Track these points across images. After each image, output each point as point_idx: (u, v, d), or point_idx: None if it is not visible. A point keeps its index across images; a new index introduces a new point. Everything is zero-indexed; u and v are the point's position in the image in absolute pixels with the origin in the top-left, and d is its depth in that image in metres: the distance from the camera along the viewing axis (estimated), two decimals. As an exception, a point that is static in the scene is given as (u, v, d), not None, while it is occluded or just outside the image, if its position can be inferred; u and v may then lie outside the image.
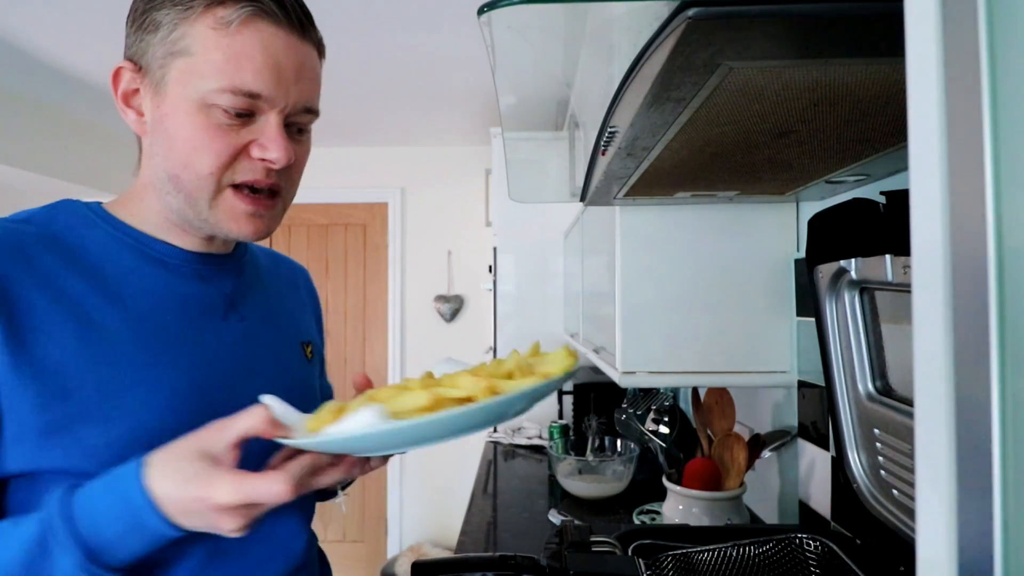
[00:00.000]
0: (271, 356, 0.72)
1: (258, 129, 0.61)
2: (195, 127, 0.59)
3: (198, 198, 0.62)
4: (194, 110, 0.59)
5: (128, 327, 0.60)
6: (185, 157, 0.60)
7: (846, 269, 0.77)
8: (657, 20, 0.45)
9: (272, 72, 0.60)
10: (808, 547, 0.91)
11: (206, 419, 0.59)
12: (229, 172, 0.61)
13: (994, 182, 0.22)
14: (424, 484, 3.32)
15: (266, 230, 0.66)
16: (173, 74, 0.59)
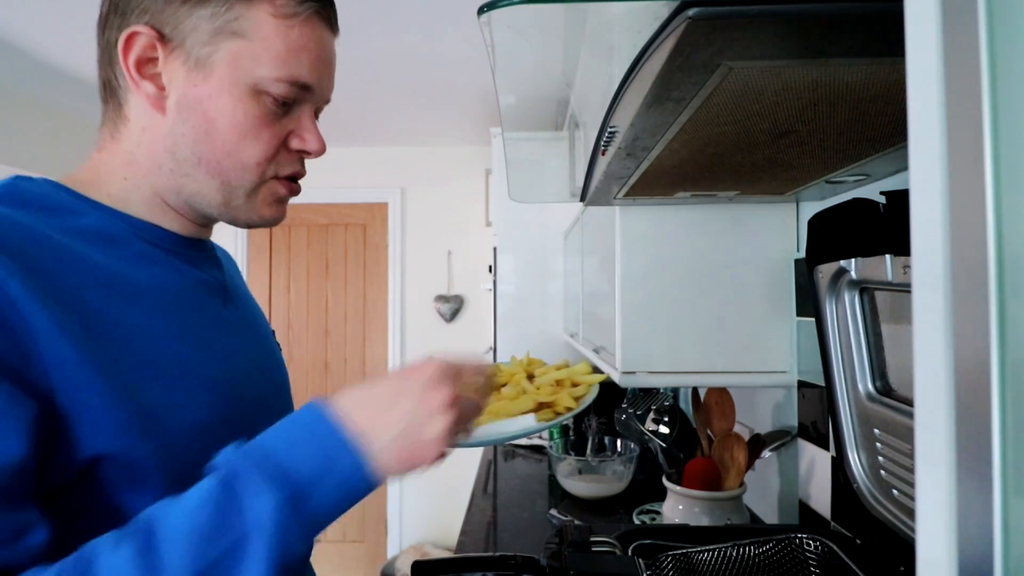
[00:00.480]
0: (265, 347, 0.71)
1: (295, 120, 0.61)
2: (245, 113, 0.57)
3: (238, 186, 0.60)
4: (245, 95, 0.57)
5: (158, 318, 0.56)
6: (231, 144, 0.58)
7: (846, 269, 0.77)
8: (657, 20, 0.45)
9: (322, 67, 0.61)
10: (808, 547, 0.91)
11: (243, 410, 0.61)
12: (273, 164, 0.61)
13: (994, 182, 0.22)
14: (424, 484, 3.32)
15: (285, 215, 0.66)
16: (223, 54, 0.56)
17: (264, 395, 0.66)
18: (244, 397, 0.61)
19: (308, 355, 3.39)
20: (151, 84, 0.57)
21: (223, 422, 0.57)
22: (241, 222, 0.64)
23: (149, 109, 0.58)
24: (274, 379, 0.70)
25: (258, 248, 3.42)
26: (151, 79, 0.57)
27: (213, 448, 0.54)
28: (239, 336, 0.66)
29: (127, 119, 0.60)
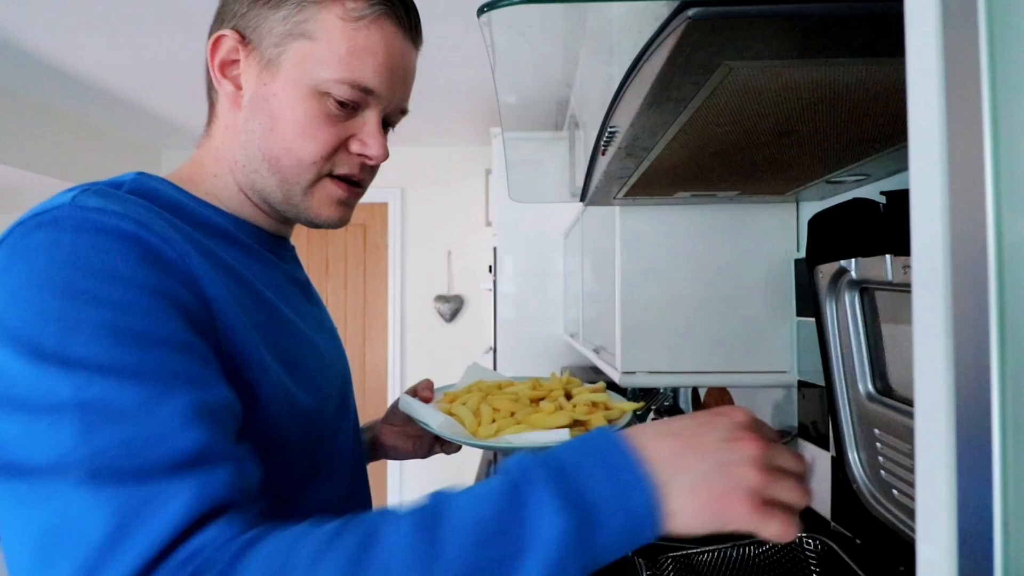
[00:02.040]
0: (337, 343, 0.75)
1: (359, 124, 0.62)
2: (305, 112, 0.59)
3: (295, 183, 0.62)
4: (307, 95, 0.58)
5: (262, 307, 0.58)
6: (290, 141, 0.60)
7: (846, 269, 0.77)
8: (657, 20, 0.45)
9: (388, 71, 0.61)
10: (808, 547, 0.91)
11: (327, 401, 0.64)
12: (329, 163, 0.62)
13: (994, 182, 0.22)
14: (424, 484, 3.32)
15: (349, 218, 0.67)
16: (290, 55, 0.58)
17: (338, 390, 0.69)
18: (327, 390, 0.65)
19: (308, 355, 3.39)
20: (231, 83, 0.61)
21: (318, 413, 0.61)
22: (305, 220, 0.66)
23: (230, 107, 0.62)
24: (345, 375, 0.74)
25: (258, 248, 3.42)
26: (232, 79, 0.61)
27: (310, 435, 0.60)
28: (319, 332, 0.69)
29: (217, 117, 0.64)
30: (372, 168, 0.66)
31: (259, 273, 0.62)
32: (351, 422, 0.73)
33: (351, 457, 0.71)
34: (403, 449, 0.85)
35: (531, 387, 0.84)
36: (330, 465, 0.65)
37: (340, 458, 0.68)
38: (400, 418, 0.85)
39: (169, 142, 3.30)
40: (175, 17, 1.83)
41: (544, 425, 0.71)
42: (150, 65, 2.23)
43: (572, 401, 0.80)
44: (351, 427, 0.72)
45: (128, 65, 2.22)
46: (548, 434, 0.68)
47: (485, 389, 0.84)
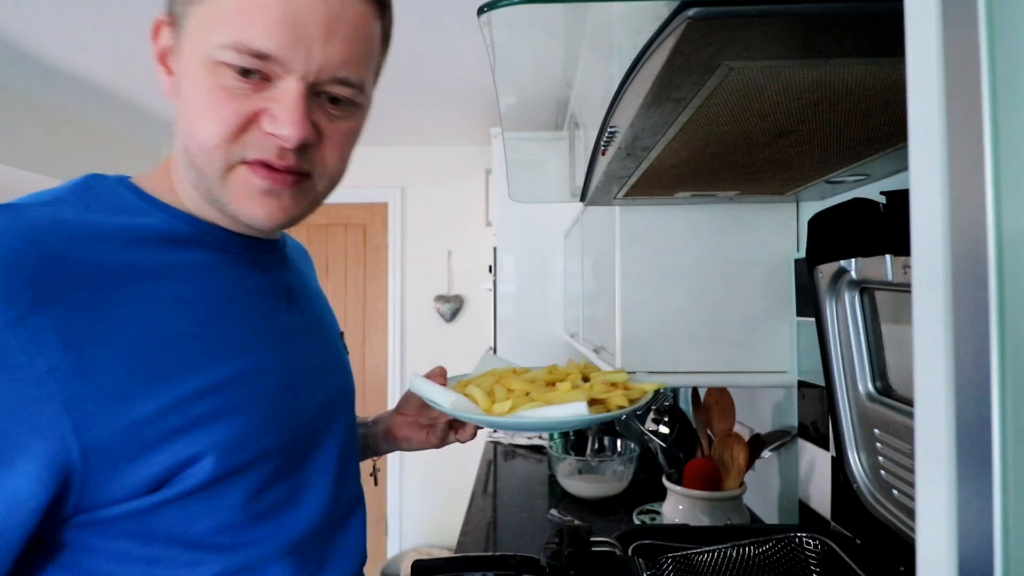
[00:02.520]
0: (329, 351, 0.68)
1: (271, 97, 0.51)
2: (201, 89, 0.50)
3: (207, 174, 0.52)
4: (201, 67, 0.50)
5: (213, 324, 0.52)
6: (191, 124, 0.51)
7: (846, 269, 0.77)
8: (657, 20, 0.45)
9: (288, 28, 0.49)
10: (808, 546, 0.91)
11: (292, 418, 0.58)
12: (238, 146, 0.51)
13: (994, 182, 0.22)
14: (424, 484, 3.32)
15: (285, 216, 0.55)
16: (190, 24, 0.50)
17: (324, 402, 0.64)
18: (300, 404, 0.59)
19: (308, 355, 3.39)
20: (165, 71, 0.54)
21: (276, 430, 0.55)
22: (234, 217, 0.55)
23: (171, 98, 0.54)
24: (337, 385, 0.68)
25: (258, 248, 3.42)
26: (169, 67, 0.54)
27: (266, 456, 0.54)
28: (302, 341, 0.63)
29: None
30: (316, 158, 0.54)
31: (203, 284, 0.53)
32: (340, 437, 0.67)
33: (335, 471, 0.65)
34: (416, 439, 0.82)
35: (547, 372, 0.82)
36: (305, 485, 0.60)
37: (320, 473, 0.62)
38: (413, 407, 0.82)
39: (169, 142, 3.30)
40: (175, 17, 1.83)
41: (561, 402, 0.67)
42: (150, 65, 2.22)
43: (589, 383, 0.77)
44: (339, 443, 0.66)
45: (128, 65, 2.22)
46: (566, 408, 0.64)
47: (499, 375, 0.81)
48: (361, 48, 0.53)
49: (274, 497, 0.56)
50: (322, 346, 0.67)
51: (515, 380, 0.76)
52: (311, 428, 0.61)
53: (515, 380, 0.76)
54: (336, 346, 0.72)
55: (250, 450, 0.53)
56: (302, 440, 0.60)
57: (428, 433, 0.81)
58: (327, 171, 0.56)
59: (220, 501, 0.52)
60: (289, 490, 0.58)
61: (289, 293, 0.64)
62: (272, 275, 0.62)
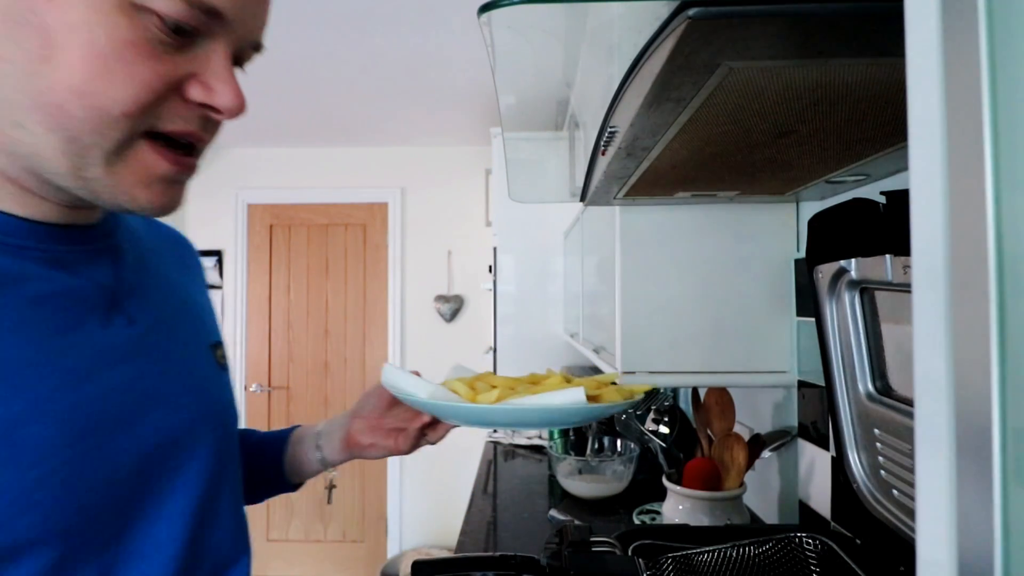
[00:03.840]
0: (175, 371, 0.53)
1: (200, 60, 0.42)
2: (110, 37, 0.38)
3: (91, 145, 0.40)
4: (112, 8, 0.38)
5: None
6: (83, 80, 0.38)
7: (846, 269, 0.77)
8: (657, 20, 0.45)
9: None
10: (808, 546, 0.91)
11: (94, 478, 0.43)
12: (150, 116, 0.41)
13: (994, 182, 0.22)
14: (424, 484, 3.32)
15: (178, 204, 0.46)
16: None
17: (165, 441, 0.50)
18: (107, 455, 0.45)
19: (308, 355, 3.39)
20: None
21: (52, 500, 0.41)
22: (107, 203, 0.44)
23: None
24: (191, 415, 0.53)
25: (258, 248, 3.42)
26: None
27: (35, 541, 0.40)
28: (123, 365, 0.48)
29: None
30: (215, 126, 0.46)
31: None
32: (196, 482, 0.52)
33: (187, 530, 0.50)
34: (382, 446, 0.71)
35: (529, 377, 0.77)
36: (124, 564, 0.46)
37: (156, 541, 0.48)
38: (375, 409, 0.73)
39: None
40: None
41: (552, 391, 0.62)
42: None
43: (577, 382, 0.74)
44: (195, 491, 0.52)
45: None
46: (563, 393, 0.58)
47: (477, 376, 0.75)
48: (270, 12, 0.47)
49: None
50: (165, 367, 0.52)
51: (497, 379, 0.70)
52: (134, 485, 0.47)
53: (497, 379, 0.70)
54: (197, 364, 0.56)
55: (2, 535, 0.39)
56: (112, 507, 0.45)
57: (397, 437, 0.71)
58: (212, 142, 0.48)
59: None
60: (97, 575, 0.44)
61: (111, 299, 0.49)
62: (82, 276, 0.47)
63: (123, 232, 0.54)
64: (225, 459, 0.57)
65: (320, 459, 0.75)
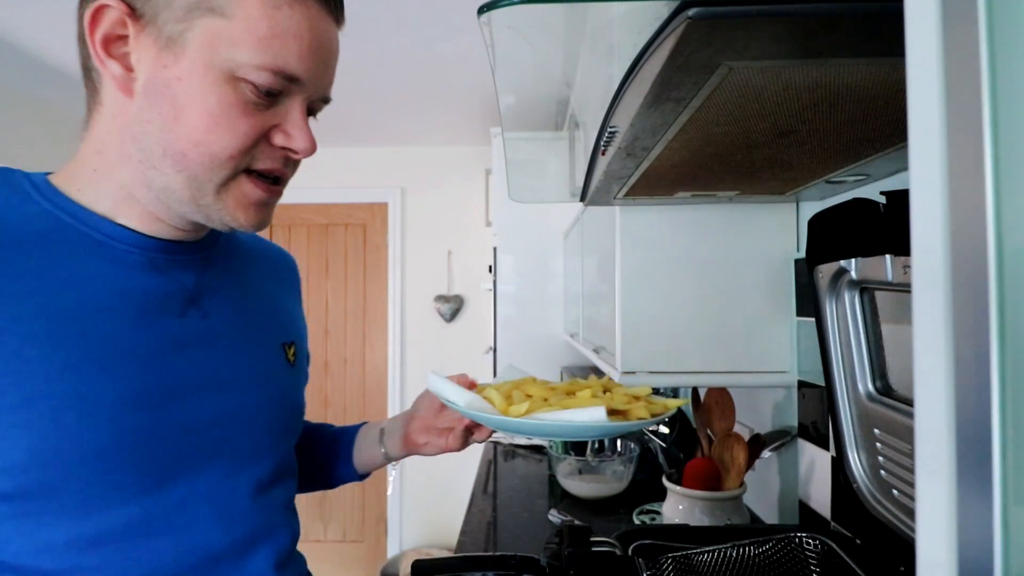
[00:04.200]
0: (241, 360, 0.63)
1: (281, 113, 0.55)
2: (219, 101, 0.51)
3: (205, 181, 0.54)
4: (220, 80, 0.51)
5: (42, 326, 0.50)
6: (199, 133, 0.52)
7: (846, 269, 0.77)
8: (657, 20, 0.45)
9: (313, 56, 0.54)
10: (808, 546, 0.91)
11: (152, 437, 0.54)
12: (247, 157, 0.55)
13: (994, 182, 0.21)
14: (424, 484, 3.32)
15: (268, 222, 0.59)
16: (197, 33, 0.50)
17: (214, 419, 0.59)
18: (163, 420, 0.55)
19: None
20: (118, 64, 0.52)
21: (113, 446, 0.51)
22: (216, 223, 0.57)
23: (118, 93, 0.53)
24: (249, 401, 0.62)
25: (258, 248, 3.42)
26: (119, 59, 0.52)
27: (117, 471, 0.51)
28: (191, 351, 0.58)
29: (100, 104, 0.55)
30: (295, 163, 0.59)
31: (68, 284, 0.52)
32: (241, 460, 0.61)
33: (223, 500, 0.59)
34: (435, 444, 0.80)
35: (568, 384, 0.80)
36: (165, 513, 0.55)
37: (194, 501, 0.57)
38: (428, 411, 0.81)
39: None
40: (175, 17, 1.83)
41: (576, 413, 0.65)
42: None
43: (610, 395, 0.75)
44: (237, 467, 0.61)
45: (128, 65, 2.22)
46: (583, 413, 0.62)
47: (519, 382, 0.80)
48: (336, 71, 0.60)
49: (113, 521, 0.52)
50: (231, 355, 0.62)
51: (534, 386, 0.74)
52: (181, 449, 0.56)
53: (534, 386, 0.74)
54: (264, 356, 0.66)
55: (66, 465, 0.49)
56: (162, 461, 0.55)
57: (447, 436, 0.79)
58: (294, 175, 0.62)
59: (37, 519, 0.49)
60: (140, 516, 0.54)
61: (190, 296, 0.60)
62: (169, 277, 0.59)
63: (221, 247, 0.66)
64: (280, 442, 0.66)
65: (384, 454, 0.85)
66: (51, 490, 0.49)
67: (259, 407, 0.64)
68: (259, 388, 0.64)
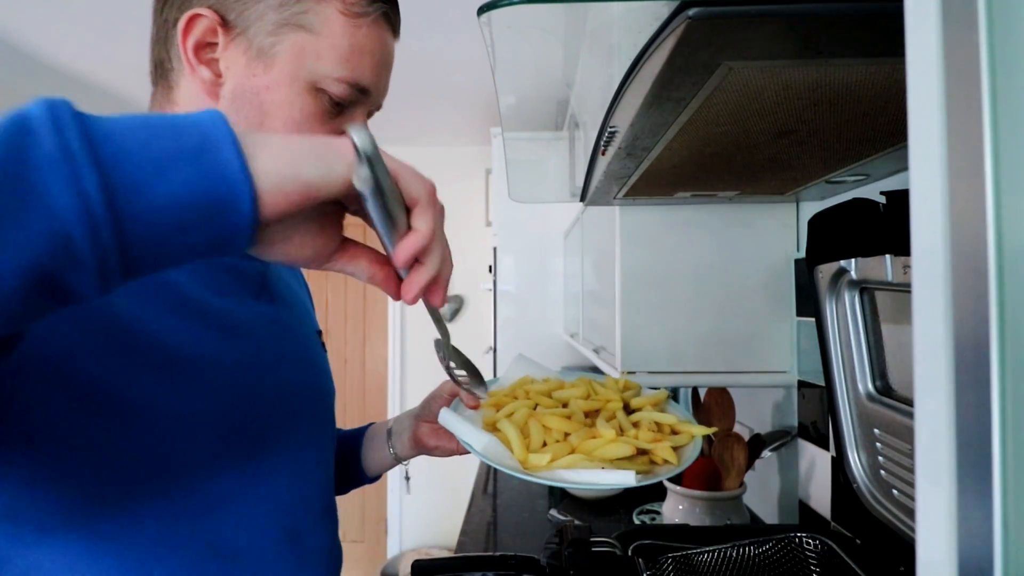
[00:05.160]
0: (298, 342, 0.68)
1: (347, 121, 0.60)
2: (302, 109, 0.56)
3: None
4: (303, 91, 0.56)
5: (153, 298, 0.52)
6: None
7: (846, 269, 0.77)
8: (657, 20, 0.45)
9: (382, 72, 0.60)
10: (808, 546, 0.91)
11: (256, 404, 0.58)
12: None
13: (994, 182, 0.22)
14: (424, 484, 3.32)
15: None
16: (287, 46, 0.55)
17: (290, 393, 0.63)
18: (262, 392, 0.59)
19: (308, 355, 3.39)
20: (208, 69, 0.56)
21: (224, 414, 0.55)
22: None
23: (202, 95, 0.57)
24: (309, 381, 0.67)
25: (258, 248, 3.42)
26: (208, 64, 0.56)
27: (210, 438, 0.53)
28: (264, 328, 0.63)
29: (175, 104, 0.59)
30: None
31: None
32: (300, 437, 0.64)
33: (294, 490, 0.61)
34: (446, 448, 0.81)
35: (584, 395, 0.76)
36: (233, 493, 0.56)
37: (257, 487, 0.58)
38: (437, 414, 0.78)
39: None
40: (175, 17, 1.83)
41: (604, 456, 0.63)
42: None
43: (632, 418, 0.72)
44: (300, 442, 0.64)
45: (128, 65, 2.22)
46: (612, 474, 0.60)
47: (533, 395, 0.76)
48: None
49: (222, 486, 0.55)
50: (291, 338, 0.66)
51: (552, 417, 0.69)
52: (264, 418, 0.59)
53: (552, 417, 0.69)
54: (310, 342, 0.71)
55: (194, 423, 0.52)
56: (261, 427, 0.59)
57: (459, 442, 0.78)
58: None
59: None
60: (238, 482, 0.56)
61: (262, 281, 0.65)
62: (247, 261, 0.63)
63: None
64: (325, 424, 0.70)
65: (394, 455, 0.85)
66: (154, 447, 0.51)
67: (322, 386, 0.70)
68: (317, 369, 0.70)
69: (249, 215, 0.35)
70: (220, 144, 0.34)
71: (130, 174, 0.32)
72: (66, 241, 0.30)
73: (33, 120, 0.31)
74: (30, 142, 0.30)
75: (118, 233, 0.31)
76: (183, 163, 0.33)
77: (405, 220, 0.44)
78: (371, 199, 0.40)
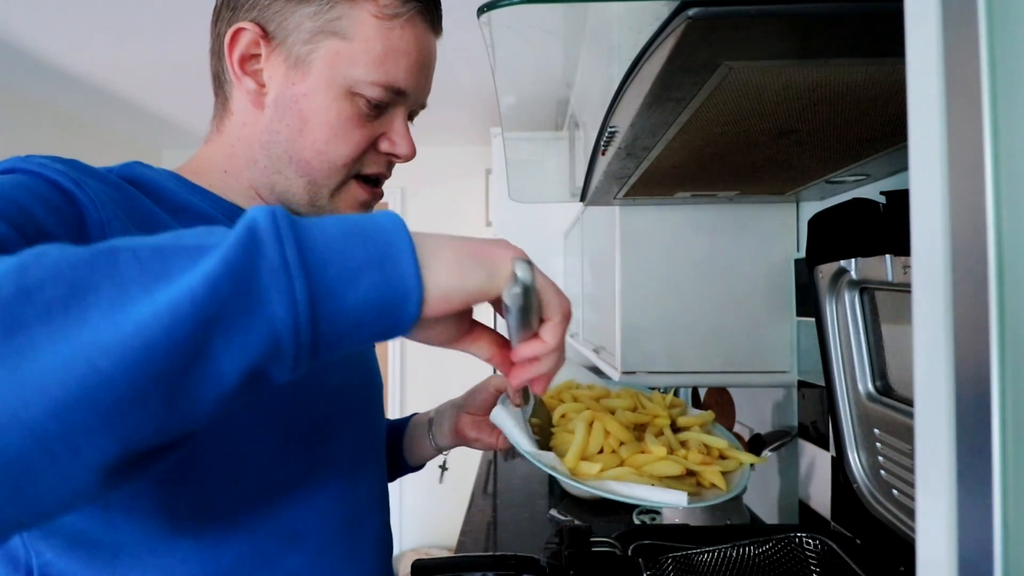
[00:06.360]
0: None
1: (387, 122, 0.61)
2: (338, 114, 0.57)
3: (323, 186, 0.60)
4: (340, 96, 0.57)
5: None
6: (321, 143, 0.58)
7: (846, 269, 0.77)
8: (657, 20, 0.45)
9: (420, 72, 0.60)
10: (808, 546, 0.91)
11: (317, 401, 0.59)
12: (358, 164, 0.61)
13: (994, 182, 0.22)
14: (424, 484, 3.32)
15: None
16: (322, 54, 0.56)
17: (347, 387, 0.65)
18: (322, 385, 0.60)
19: (308, 355, 3.39)
20: (252, 80, 0.58)
21: (291, 405, 0.56)
22: None
23: (249, 105, 0.59)
24: (362, 376, 0.69)
25: (258, 248, 3.42)
26: (253, 75, 0.58)
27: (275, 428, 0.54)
28: None
29: (231, 113, 0.61)
30: (393, 166, 0.66)
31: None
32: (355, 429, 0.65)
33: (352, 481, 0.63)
34: (486, 442, 0.80)
35: (631, 407, 0.75)
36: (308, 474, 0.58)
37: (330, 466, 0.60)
38: (480, 408, 0.80)
39: (169, 142, 3.30)
40: (175, 18, 1.83)
41: (653, 473, 0.62)
42: (150, 65, 2.22)
43: (680, 436, 0.70)
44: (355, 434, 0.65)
45: (128, 65, 2.22)
46: (664, 493, 0.58)
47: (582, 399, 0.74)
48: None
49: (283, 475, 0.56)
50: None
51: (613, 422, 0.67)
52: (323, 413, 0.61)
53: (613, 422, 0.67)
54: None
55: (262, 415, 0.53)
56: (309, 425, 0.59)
57: (499, 435, 0.79)
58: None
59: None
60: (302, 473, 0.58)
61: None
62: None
63: None
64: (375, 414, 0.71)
65: (434, 445, 0.85)
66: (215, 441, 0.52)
67: (372, 380, 0.72)
68: (367, 365, 0.71)
69: (415, 317, 0.38)
70: (401, 254, 0.37)
71: (328, 282, 0.35)
72: (277, 342, 0.33)
73: (261, 232, 0.34)
74: (257, 253, 0.33)
75: (314, 333, 0.34)
76: (371, 270, 0.36)
77: (536, 326, 0.46)
78: (514, 312, 0.43)
